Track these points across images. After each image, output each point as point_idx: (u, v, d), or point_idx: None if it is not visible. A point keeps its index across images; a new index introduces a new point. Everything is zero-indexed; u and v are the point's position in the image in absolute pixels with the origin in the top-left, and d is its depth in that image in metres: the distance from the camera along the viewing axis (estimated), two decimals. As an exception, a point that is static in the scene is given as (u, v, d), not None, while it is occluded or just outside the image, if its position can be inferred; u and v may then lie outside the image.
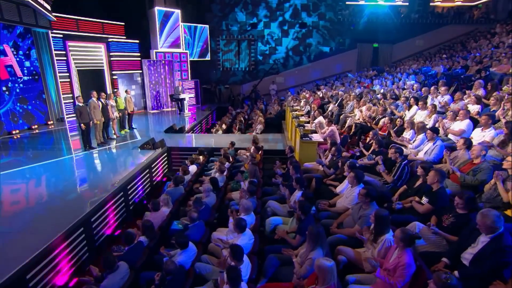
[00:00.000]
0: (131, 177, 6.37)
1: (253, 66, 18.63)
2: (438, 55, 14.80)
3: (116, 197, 5.72)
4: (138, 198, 6.70)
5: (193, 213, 4.30)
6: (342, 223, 3.90)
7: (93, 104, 8.15)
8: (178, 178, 5.89)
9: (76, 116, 7.66)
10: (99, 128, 8.40)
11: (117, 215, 5.75)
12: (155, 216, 4.79)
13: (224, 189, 5.99)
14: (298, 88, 18.45)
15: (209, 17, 17.54)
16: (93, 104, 8.16)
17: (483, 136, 4.90)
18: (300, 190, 4.54)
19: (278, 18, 17.83)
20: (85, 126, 7.77)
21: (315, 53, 18.42)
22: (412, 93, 8.46)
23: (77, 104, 7.78)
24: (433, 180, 3.64)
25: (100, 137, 8.52)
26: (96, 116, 8.15)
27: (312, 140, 6.41)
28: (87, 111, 7.85)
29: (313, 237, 3.12)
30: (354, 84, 13.49)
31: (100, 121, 8.33)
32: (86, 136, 7.96)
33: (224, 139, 9.58)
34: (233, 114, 14.61)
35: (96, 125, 8.29)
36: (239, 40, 18.17)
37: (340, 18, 17.73)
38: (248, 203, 4.15)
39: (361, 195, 3.59)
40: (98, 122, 8.25)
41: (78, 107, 7.72)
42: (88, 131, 7.98)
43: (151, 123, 12.21)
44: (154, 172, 7.64)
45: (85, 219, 4.75)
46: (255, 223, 4.22)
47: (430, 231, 3.18)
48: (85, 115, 7.76)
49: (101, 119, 8.38)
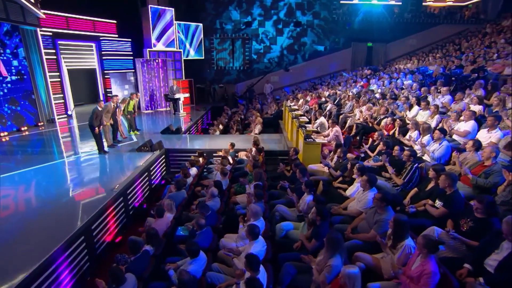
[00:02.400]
0: (131, 181, 6.17)
1: (247, 65, 18.48)
2: (432, 55, 14.94)
3: (116, 203, 5.52)
4: (137, 203, 6.50)
5: (200, 219, 4.16)
6: (356, 227, 3.82)
7: (109, 108, 8.05)
8: (181, 181, 5.72)
9: (91, 119, 7.44)
10: (108, 130, 8.23)
11: (117, 221, 5.55)
12: (159, 223, 4.62)
13: (228, 192, 5.86)
14: (293, 87, 18.42)
15: (203, 15, 17.30)
16: (109, 107, 8.07)
17: (489, 137, 4.91)
18: (310, 194, 4.46)
19: (273, 16, 17.71)
20: (98, 130, 7.61)
21: (310, 52, 18.40)
22: (411, 93, 8.48)
23: (96, 108, 7.58)
24: (444, 184, 3.60)
25: (110, 140, 8.36)
26: (106, 119, 8.01)
27: (316, 142, 6.33)
28: (101, 115, 7.69)
29: (332, 243, 3.04)
30: (350, 83, 13.51)
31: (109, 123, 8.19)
32: (99, 140, 7.77)
33: (222, 140, 9.42)
34: (229, 113, 14.44)
35: (106, 127, 8.10)
36: (233, 38, 17.99)
37: (335, 17, 17.75)
38: (257, 207, 4.03)
39: (377, 199, 3.52)
40: (108, 123, 8.11)
41: (97, 111, 7.54)
42: (100, 135, 7.83)
43: (146, 124, 11.93)
44: (152, 175, 7.44)
45: (86, 226, 4.54)
46: (265, 228, 4.11)
47: (449, 236, 3.13)
48: (98, 120, 7.59)
49: (110, 121, 8.25)
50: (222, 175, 6.06)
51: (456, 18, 18.08)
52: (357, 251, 3.41)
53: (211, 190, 5.21)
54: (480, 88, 7.11)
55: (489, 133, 4.95)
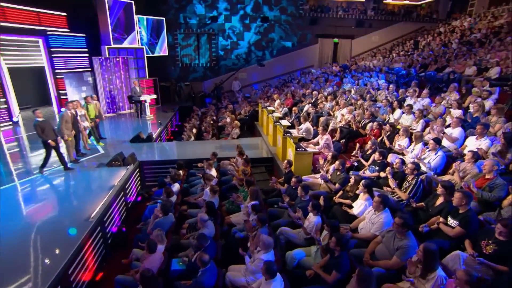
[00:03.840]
0: (108, 204, 5.43)
1: (214, 61, 17.74)
2: (395, 51, 15.56)
3: (94, 235, 4.79)
4: (115, 227, 5.77)
5: (203, 255, 3.68)
6: (373, 252, 3.65)
7: (66, 118, 6.82)
8: (167, 205, 5.10)
9: (38, 134, 6.24)
10: (71, 144, 7.11)
11: (96, 254, 4.83)
12: (152, 260, 4.05)
13: (219, 212, 5.40)
14: (262, 84, 18.12)
15: (164, 9, 16.12)
16: (66, 117, 6.83)
17: (478, 145, 5.05)
18: (317, 216, 4.21)
19: (239, 11, 17.11)
20: (54, 143, 6.42)
21: (278, 48, 18.17)
22: (389, 94, 8.63)
23: (36, 120, 6.27)
24: (460, 203, 3.56)
25: (72, 155, 7.22)
26: (67, 132, 6.84)
27: (307, 151, 6.11)
28: (51, 126, 6.44)
29: (365, 281, 2.82)
30: (321, 80, 13.54)
31: (71, 136, 7.05)
32: (60, 156, 6.63)
33: (200, 147, 8.86)
34: (199, 114, 13.74)
35: (68, 142, 6.97)
36: (198, 34, 17.09)
37: (302, 13, 17.65)
38: (269, 239, 3.67)
39: (398, 225, 3.36)
40: (70, 138, 6.94)
41: (38, 123, 6.25)
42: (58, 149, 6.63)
43: (110, 130, 10.80)
44: (128, 193, 6.70)
45: (63, 273, 3.83)
46: (275, 259, 3.78)
47: (476, 261, 3.07)
48: (49, 132, 6.33)
49: (72, 133, 7.11)
50: (211, 193, 5.56)
51: (413, 16, 19.04)
52: (381, 280, 3.23)
53: (201, 217, 4.65)
54: (455, 91, 7.40)
55: (478, 141, 5.09)
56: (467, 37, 13.72)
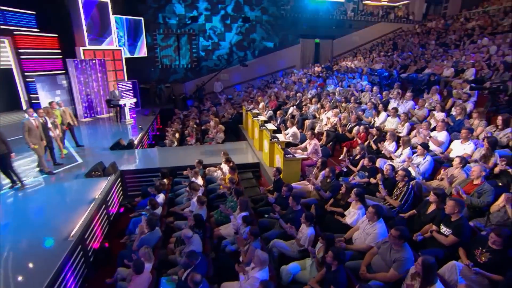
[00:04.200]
0: (89, 220, 5.10)
1: (195, 62, 17.36)
2: (375, 52, 15.82)
3: (74, 254, 4.48)
4: (97, 243, 5.45)
5: (195, 276, 3.50)
6: (369, 264, 3.61)
7: (28, 125, 6.36)
8: (153, 219, 4.83)
9: None
10: (41, 153, 6.66)
11: (77, 276, 4.52)
12: (139, 282, 3.82)
13: (208, 224, 5.21)
14: (244, 85, 17.93)
15: (143, 8, 15.57)
16: (28, 125, 6.36)
17: (463, 149, 5.15)
18: (310, 227, 4.12)
19: (220, 11, 16.81)
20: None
21: (259, 48, 18.03)
22: (373, 97, 8.71)
23: None
24: (453, 211, 3.57)
25: (45, 166, 6.81)
26: (33, 140, 6.40)
27: (296, 158, 6.02)
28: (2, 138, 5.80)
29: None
30: (304, 82, 13.54)
31: (40, 145, 6.58)
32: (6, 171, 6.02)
33: (184, 153, 8.58)
34: (181, 118, 13.39)
35: (37, 151, 6.54)
36: (179, 34, 16.65)
37: (283, 13, 17.60)
38: (264, 255, 3.54)
39: (394, 236, 3.32)
40: (37, 146, 6.48)
41: None
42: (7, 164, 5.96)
43: (88, 136, 10.27)
44: (110, 205, 6.36)
45: (41, 301, 3.53)
46: (270, 275, 3.65)
47: (472, 271, 3.08)
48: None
49: (42, 142, 6.65)
50: (199, 205, 5.35)
51: (391, 17, 19.48)
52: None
53: (185, 234, 4.40)
54: (436, 93, 7.56)
55: (463, 144, 5.19)
56: (443, 39, 14.17)
